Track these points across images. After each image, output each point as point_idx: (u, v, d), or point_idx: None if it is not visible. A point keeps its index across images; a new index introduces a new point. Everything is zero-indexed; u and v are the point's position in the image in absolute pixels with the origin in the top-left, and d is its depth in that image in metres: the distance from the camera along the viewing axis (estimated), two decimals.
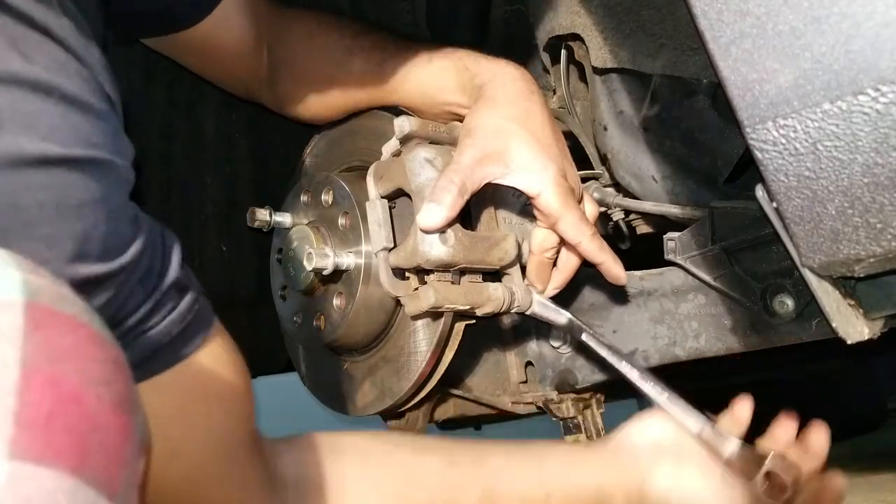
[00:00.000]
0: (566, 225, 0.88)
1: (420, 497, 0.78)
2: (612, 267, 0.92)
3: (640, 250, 1.12)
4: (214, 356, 0.64)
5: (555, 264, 0.95)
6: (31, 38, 0.50)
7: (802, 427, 0.91)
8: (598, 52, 0.98)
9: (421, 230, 0.83)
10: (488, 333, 1.13)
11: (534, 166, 0.87)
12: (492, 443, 0.89)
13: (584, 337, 0.93)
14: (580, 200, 0.94)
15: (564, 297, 1.03)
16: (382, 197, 0.92)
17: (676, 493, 0.85)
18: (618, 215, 1.10)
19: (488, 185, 0.87)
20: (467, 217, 0.94)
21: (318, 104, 1.08)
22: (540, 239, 0.92)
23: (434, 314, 0.91)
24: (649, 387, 0.89)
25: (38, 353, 0.36)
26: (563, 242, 0.92)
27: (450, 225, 0.84)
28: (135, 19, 0.98)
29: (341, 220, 0.99)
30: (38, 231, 0.48)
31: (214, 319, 0.65)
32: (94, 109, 0.53)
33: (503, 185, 0.88)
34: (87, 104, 0.52)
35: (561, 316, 0.94)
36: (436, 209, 0.82)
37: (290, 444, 0.75)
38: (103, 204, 0.52)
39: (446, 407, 1.20)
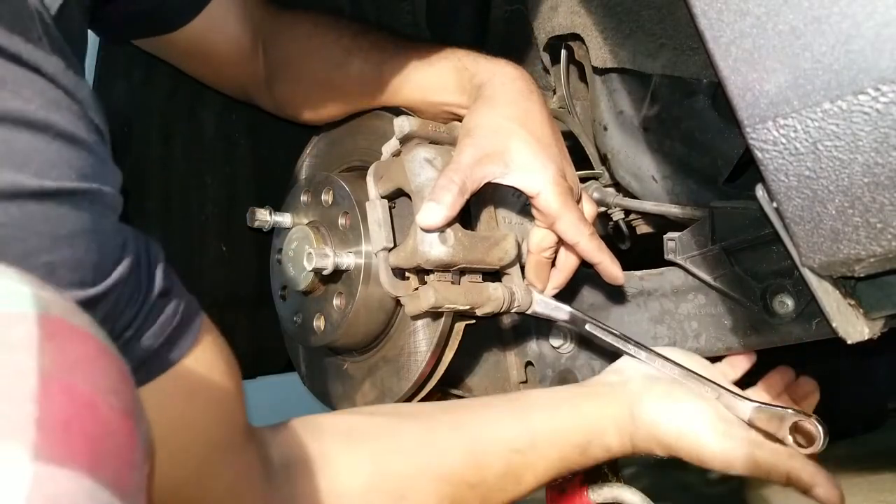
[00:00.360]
0: (564, 225, 0.88)
1: (402, 467, 0.77)
2: (609, 267, 0.92)
3: (640, 250, 1.12)
4: (202, 356, 0.65)
5: (554, 264, 0.95)
6: (22, 76, 0.52)
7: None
8: (598, 52, 0.98)
9: (421, 229, 0.83)
10: (488, 333, 1.13)
11: (533, 166, 0.87)
12: (474, 399, 0.88)
13: (587, 327, 0.93)
14: (579, 200, 0.94)
15: (564, 297, 1.03)
16: (382, 197, 0.92)
17: (669, 418, 0.85)
18: (618, 215, 1.11)
19: (488, 184, 0.87)
20: (467, 217, 0.94)
21: (317, 106, 1.08)
22: (538, 238, 0.92)
23: (434, 314, 0.91)
24: (660, 364, 0.90)
25: (53, 362, 0.37)
26: (561, 242, 0.92)
27: (450, 224, 0.84)
28: (122, 21, 0.98)
29: (341, 220, 0.99)
30: (37, 260, 0.50)
31: (200, 319, 0.66)
32: (85, 143, 0.55)
33: (503, 185, 0.88)
34: (79, 139, 0.54)
35: (562, 311, 0.94)
36: (436, 208, 0.82)
37: (274, 430, 0.77)
38: (94, 232, 0.54)
39: None
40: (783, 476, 0.82)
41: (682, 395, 0.87)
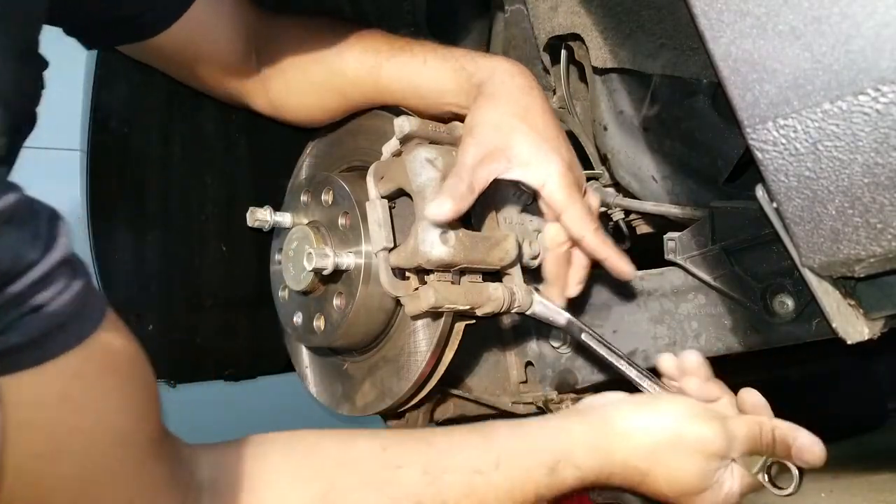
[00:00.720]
0: (570, 218, 0.87)
1: (350, 480, 0.72)
2: (616, 262, 0.91)
3: (640, 250, 1.12)
4: (107, 349, 0.60)
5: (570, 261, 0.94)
6: None
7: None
8: (598, 52, 0.98)
9: (431, 222, 0.83)
10: (488, 333, 1.13)
11: (537, 158, 0.87)
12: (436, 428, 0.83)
13: (583, 337, 0.93)
14: (584, 194, 0.94)
15: None
16: (382, 197, 0.92)
17: (647, 417, 0.80)
18: (618, 215, 1.10)
19: (494, 181, 0.87)
20: (468, 217, 0.94)
21: (314, 109, 1.08)
22: (553, 233, 0.91)
23: (434, 314, 0.91)
24: (648, 385, 0.90)
25: None
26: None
27: (458, 220, 0.84)
28: (102, 27, 0.97)
29: (341, 220, 0.99)
30: None
31: (108, 312, 0.60)
32: None
33: (508, 180, 0.88)
34: None
35: (560, 316, 0.94)
36: (446, 202, 0.82)
37: (209, 448, 0.71)
38: None
39: (446, 407, 1.20)
40: (770, 435, 0.80)
41: (659, 399, 0.85)
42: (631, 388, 0.91)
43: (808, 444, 0.80)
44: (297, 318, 1.05)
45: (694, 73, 0.90)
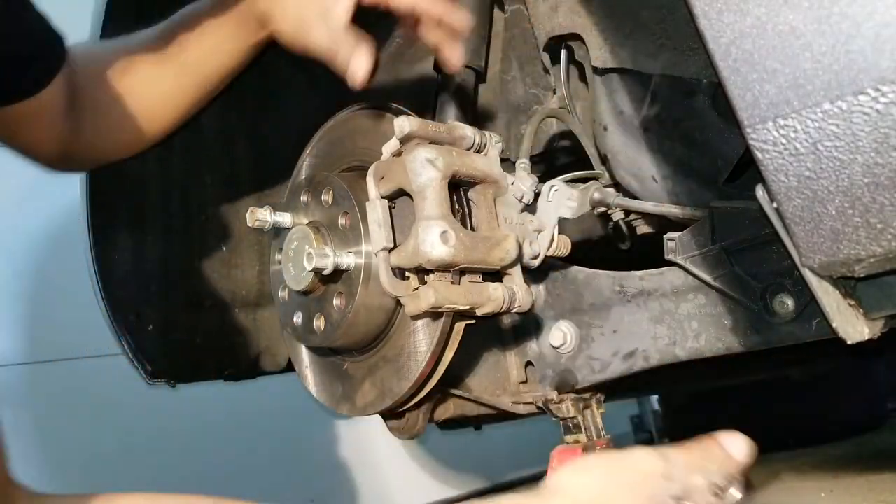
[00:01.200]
0: None
1: None
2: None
3: (640, 250, 1.12)
4: None
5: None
6: None
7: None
8: (598, 52, 0.98)
9: None
10: (488, 333, 1.13)
11: None
12: None
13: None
14: None
15: (565, 298, 1.02)
16: (382, 197, 0.92)
17: (582, 485, 0.76)
18: (618, 215, 1.10)
19: (488, 184, 0.86)
20: (468, 216, 0.94)
21: (185, 103, 1.09)
22: None
23: (434, 314, 0.91)
24: None
25: None
26: None
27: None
28: None
29: (341, 220, 0.99)
30: None
31: None
32: None
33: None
34: None
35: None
36: None
37: (55, 500, 0.63)
38: None
39: (446, 407, 1.20)
40: (711, 441, 0.81)
41: (587, 457, 0.82)
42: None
43: (730, 437, 0.79)
44: (297, 318, 1.05)
45: (694, 73, 0.90)
